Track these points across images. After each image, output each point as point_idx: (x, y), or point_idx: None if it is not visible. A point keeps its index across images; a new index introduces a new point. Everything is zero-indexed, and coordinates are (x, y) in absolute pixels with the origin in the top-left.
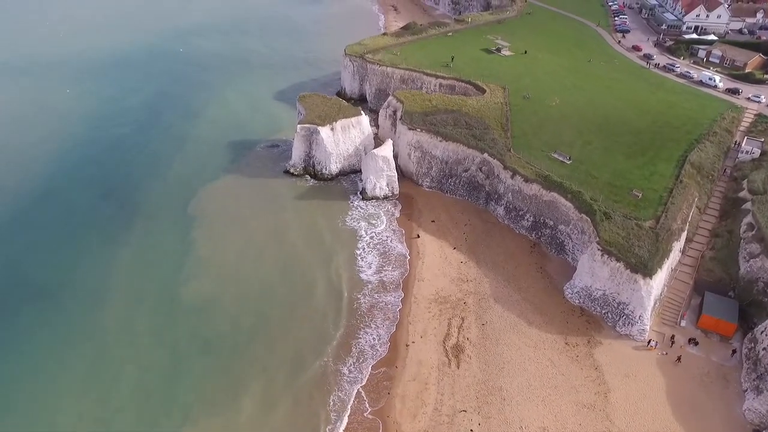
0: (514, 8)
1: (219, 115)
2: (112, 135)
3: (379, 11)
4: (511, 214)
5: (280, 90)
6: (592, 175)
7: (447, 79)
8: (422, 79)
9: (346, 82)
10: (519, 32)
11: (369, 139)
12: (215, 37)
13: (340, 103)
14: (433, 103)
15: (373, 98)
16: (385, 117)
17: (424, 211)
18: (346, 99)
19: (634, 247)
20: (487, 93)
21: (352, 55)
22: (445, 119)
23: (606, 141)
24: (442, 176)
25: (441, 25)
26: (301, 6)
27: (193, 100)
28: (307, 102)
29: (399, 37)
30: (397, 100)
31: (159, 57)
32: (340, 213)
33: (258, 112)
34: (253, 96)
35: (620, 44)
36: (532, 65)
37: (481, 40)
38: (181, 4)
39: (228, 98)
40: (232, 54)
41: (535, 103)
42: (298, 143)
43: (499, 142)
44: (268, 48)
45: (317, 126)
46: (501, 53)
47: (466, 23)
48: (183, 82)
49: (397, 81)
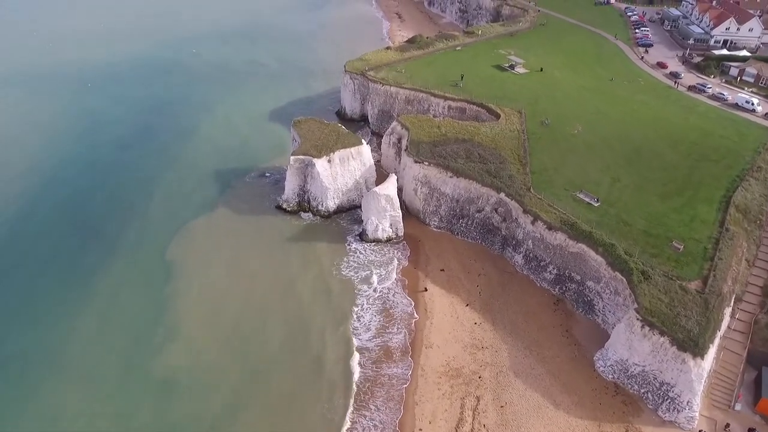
0: (527, 19)
1: (208, 136)
2: (91, 157)
3: (384, 18)
4: (531, 263)
5: (277, 107)
6: (624, 221)
7: (457, 101)
8: (429, 101)
9: (346, 101)
10: (533, 46)
11: (370, 171)
12: (213, 46)
13: (339, 130)
14: (442, 130)
15: (375, 120)
16: (389, 144)
17: (432, 257)
18: (346, 119)
19: (681, 318)
20: (501, 118)
21: (353, 72)
22: (456, 151)
23: (637, 178)
24: (453, 216)
25: (449, 38)
26: (303, 13)
27: (183, 119)
28: (303, 128)
29: (403, 51)
30: (402, 127)
31: (153, 68)
32: (336, 258)
33: (251, 133)
34: (247, 114)
35: (643, 60)
36: (549, 85)
37: (493, 56)
38: (181, 12)
39: (220, 117)
40: (229, 64)
41: (555, 131)
42: (291, 176)
43: (517, 179)
44: (267, 58)
45: (312, 158)
46: (515, 71)
47: (476, 36)
48: (175, 96)
49: (401, 102)
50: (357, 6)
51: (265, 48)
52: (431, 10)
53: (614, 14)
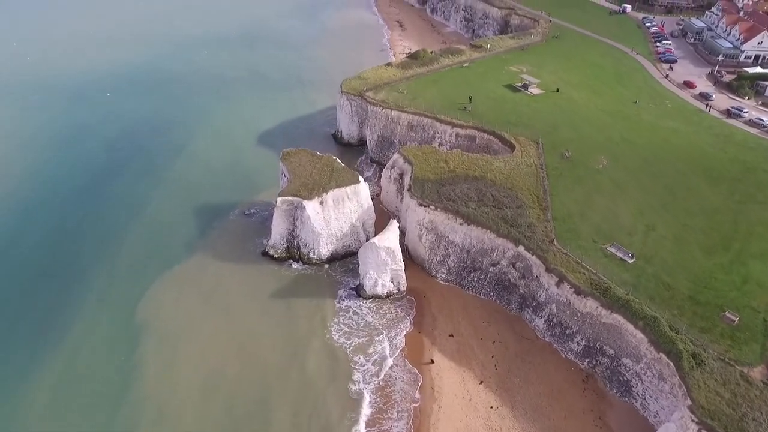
0: (539, 31)
1: (192, 162)
2: (59, 184)
3: (384, 26)
4: (555, 330)
5: (269, 126)
6: (665, 283)
7: (465, 128)
8: (435, 127)
9: (342, 123)
10: (547, 62)
11: (369, 213)
12: (208, 53)
13: (333, 165)
14: (450, 165)
15: (374, 146)
16: (390, 180)
17: (440, 318)
18: (342, 143)
19: (747, 421)
20: (516, 150)
21: (350, 93)
22: (467, 192)
23: (674, 225)
24: (463, 269)
25: (455, 53)
26: (303, 19)
27: (167, 140)
28: (292, 161)
29: (405, 68)
30: (405, 160)
31: (144, 78)
32: (329, 319)
33: (239, 159)
34: (236, 135)
35: (668, 78)
36: (567, 108)
37: (504, 73)
38: (177, 18)
39: (206, 139)
40: (224, 73)
41: (577, 165)
42: (278, 219)
43: (537, 229)
44: (264, 67)
45: (302, 199)
46: (528, 91)
47: (484, 50)
48: (162, 112)
49: (403, 127)
50: (357, 13)
51: (263, 56)
52: (434, 17)
53: (631, 25)
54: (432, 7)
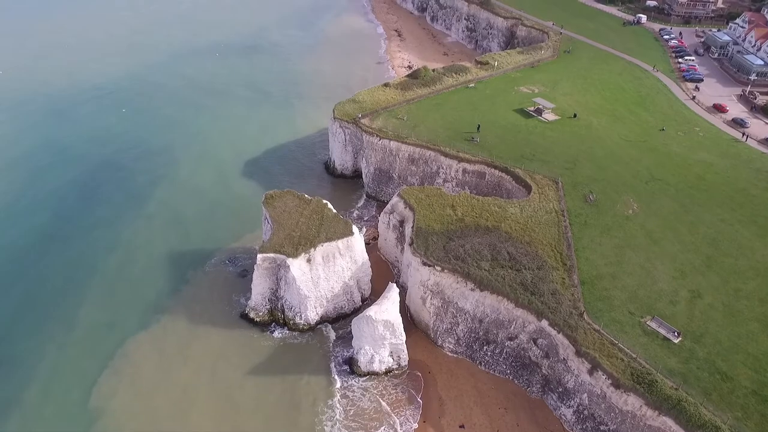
0: (549, 45)
1: (171, 196)
2: (17, 226)
3: (382, 36)
4: (586, 424)
5: (257, 153)
6: (722, 371)
7: (474, 162)
8: (439, 161)
9: (335, 153)
10: (560, 81)
11: (364, 269)
12: (199, 64)
13: (323, 211)
14: (458, 212)
15: (371, 180)
16: (388, 226)
17: (448, 403)
18: (335, 174)
19: None
20: (533, 191)
21: (343, 119)
22: (479, 248)
23: (724, 291)
24: (474, 340)
25: (459, 72)
26: (298, 29)
27: (145, 169)
28: (277, 207)
29: (405, 89)
30: (406, 205)
31: (130, 91)
32: (316, 403)
33: (222, 193)
34: (221, 162)
35: (695, 101)
36: (587, 138)
37: (514, 95)
38: (170, 27)
39: (189, 166)
40: (214, 85)
41: (603, 211)
42: (260, 279)
43: (563, 298)
44: (255, 81)
45: (287, 257)
46: (543, 117)
47: (490, 67)
48: (144, 132)
49: (404, 161)
50: (354, 21)
51: (254, 68)
52: (434, 26)
53: (648, 38)
54: (432, 15)
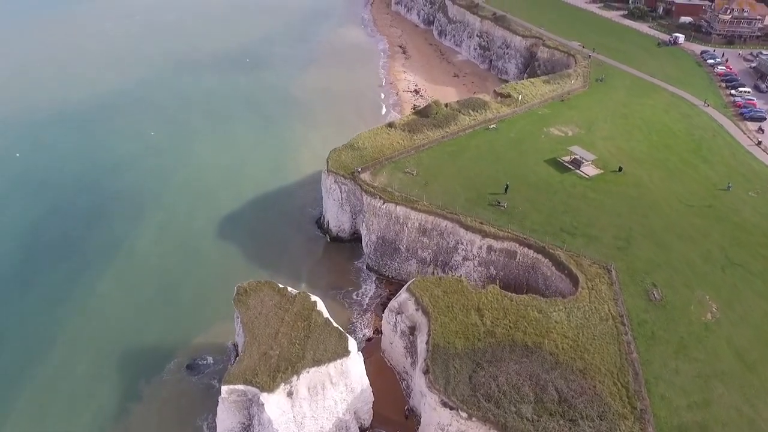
0: (578, 72)
1: (127, 273)
2: None
3: (384, 53)
4: None
5: (237, 205)
6: None
7: (501, 239)
8: (457, 235)
9: (329, 212)
10: (597, 120)
11: (363, 397)
12: (183, 83)
13: (310, 315)
14: (487, 320)
15: (373, 251)
16: (395, 329)
17: None
18: (329, 236)
19: None
20: (582, 285)
21: (339, 174)
22: (516, 383)
23: None
24: None
25: (477, 107)
26: (290, 46)
27: (98, 235)
28: (251, 308)
29: (414, 131)
30: (417, 306)
31: (98, 114)
32: None
33: (188, 267)
34: (194, 219)
35: (761, 146)
36: (638, 200)
37: (544, 140)
38: (160, 39)
39: (155, 226)
40: (187, 122)
41: (674, 315)
42: (225, 415)
43: None
44: (235, 111)
45: (260, 391)
46: (581, 171)
47: (512, 101)
48: (102, 180)
49: (413, 230)
50: (353, 35)
51: (239, 95)
52: (443, 42)
53: (689, 62)
54: (440, 29)
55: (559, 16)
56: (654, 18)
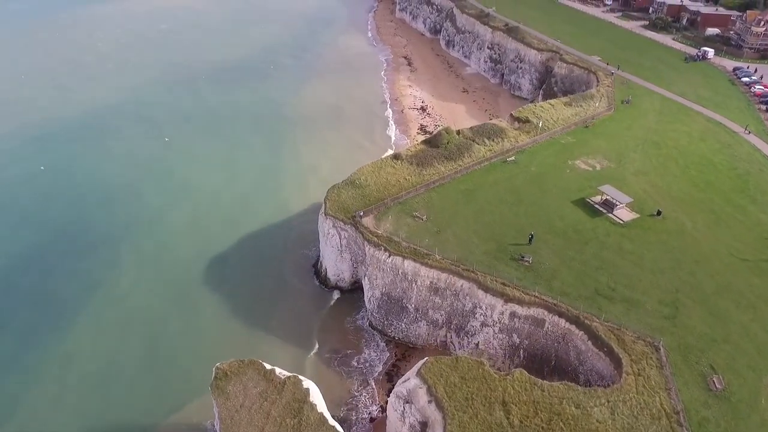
0: (601, 92)
1: (93, 341)
2: None
3: (388, 64)
4: None
5: (219, 253)
6: None
7: (527, 304)
8: (475, 297)
9: (327, 259)
10: (627, 151)
11: None
12: (167, 103)
13: (302, 408)
14: (515, 417)
15: (376, 307)
16: (402, 419)
17: None
18: (326, 285)
19: None
20: (626, 369)
21: (338, 218)
22: None
23: None
24: None
25: (492, 135)
26: (287, 59)
27: (65, 283)
28: (231, 397)
29: (422, 164)
30: (430, 397)
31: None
32: None
33: (164, 329)
34: (173, 267)
35: None
36: (683, 255)
37: (570, 175)
38: (144, 49)
39: (128, 278)
40: (164, 159)
41: (740, 411)
42: None
43: None
44: (222, 136)
45: None
46: (615, 215)
47: (532, 126)
48: (67, 227)
49: (423, 289)
50: (355, 44)
51: (227, 116)
52: (450, 53)
53: (721, 80)
54: (447, 39)
55: (576, 27)
56: (678, 29)
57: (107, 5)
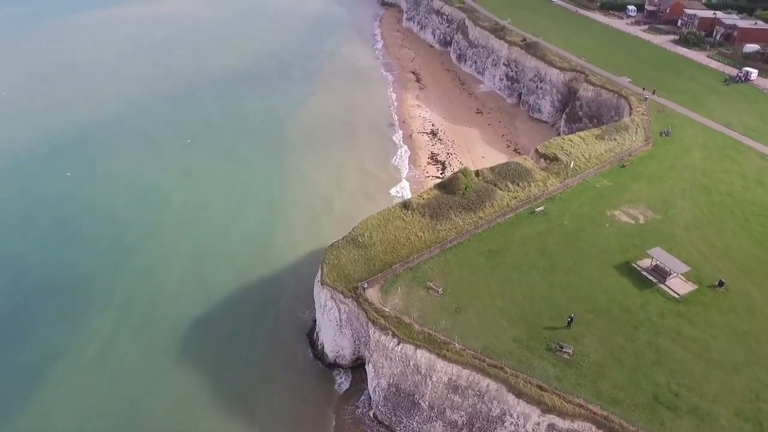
0: (636, 122)
1: None
2: None
3: (394, 80)
4: None
5: (208, 309)
6: None
7: (570, 416)
8: (504, 402)
9: (325, 333)
10: (673, 198)
11: None
12: (150, 127)
13: None
14: None
15: (382, 399)
16: None
17: None
18: (322, 360)
19: None
20: None
21: (338, 290)
22: None
23: None
24: None
25: (517, 177)
26: (287, 68)
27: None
28: None
29: (436, 216)
30: None
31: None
32: None
33: (138, 406)
34: (151, 327)
35: None
36: (759, 342)
37: (609, 231)
38: (136, 61)
39: (100, 340)
40: (142, 205)
41: None
42: None
43: None
44: (214, 157)
45: None
46: (668, 286)
47: (560, 166)
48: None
49: (440, 385)
50: (361, 56)
51: (228, 128)
52: (462, 68)
53: (762, 101)
54: (459, 53)
55: (600, 42)
56: (712, 45)
57: (104, 11)
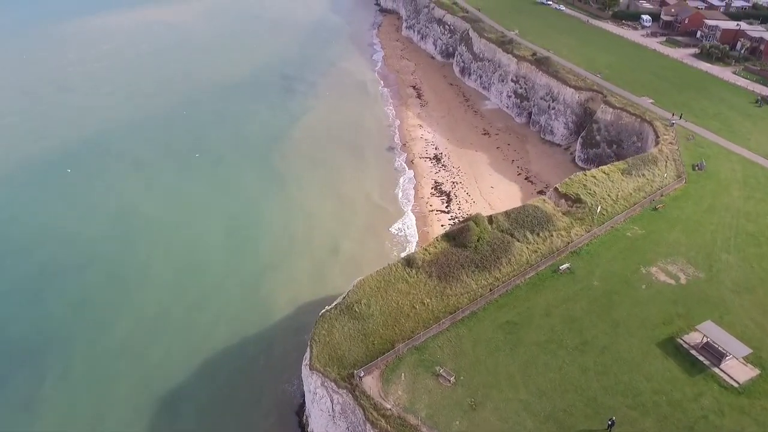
0: (663, 152)
1: None
2: None
3: (394, 94)
4: None
5: (188, 375)
6: None
7: None
8: None
9: (315, 422)
10: (715, 249)
11: None
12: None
13: None
14: None
15: None
16: None
17: None
18: None
19: None
20: None
21: (329, 378)
22: None
23: None
24: None
25: (536, 225)
26: (278, 83)
27: None
28: None
29: (445, 278)
30: None
31: None
32: None
33: None
34: (126, 390)
35: None
36: None
37: (646, 295)
38: (119, 74)
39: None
40: (127, 244)
41: None
42: None
43: None
44: (196, 188)
45: None
46: (723, 371)
47: (585, 210)
48: None
49: None
50: (359, 69)
51: (212, 153)
52: (466, 82)
53: None
54: (462, 65)
55: (615, 56)
56: (737, 60)
57: (94, 20)
